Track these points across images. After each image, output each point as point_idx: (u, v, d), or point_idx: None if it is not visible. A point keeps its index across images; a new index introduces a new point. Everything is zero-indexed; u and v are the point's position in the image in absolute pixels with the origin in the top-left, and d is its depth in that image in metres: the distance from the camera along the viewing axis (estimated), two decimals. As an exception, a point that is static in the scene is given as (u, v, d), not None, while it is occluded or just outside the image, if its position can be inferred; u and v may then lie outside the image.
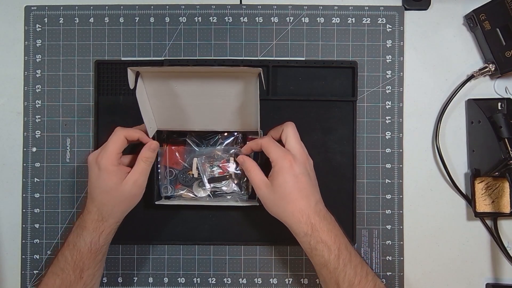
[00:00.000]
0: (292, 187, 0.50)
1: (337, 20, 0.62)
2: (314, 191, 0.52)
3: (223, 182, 0.58)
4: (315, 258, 0.50)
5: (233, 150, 0.58)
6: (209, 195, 0.58)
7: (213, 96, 0.53)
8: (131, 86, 0.50)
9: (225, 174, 0.58)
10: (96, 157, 0.51)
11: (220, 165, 0.58)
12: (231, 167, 0.58)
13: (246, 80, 0.51)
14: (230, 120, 0.56)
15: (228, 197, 0.58)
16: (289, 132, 0.53)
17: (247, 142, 0.56)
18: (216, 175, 0.57)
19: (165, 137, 0.59)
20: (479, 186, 0.60)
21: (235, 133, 0.58)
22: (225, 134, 0.59)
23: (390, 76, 0.61)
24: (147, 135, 0.54)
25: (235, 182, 0.58)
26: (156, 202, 0.57)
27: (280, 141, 0.54)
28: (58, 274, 0.51)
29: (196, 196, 0.58)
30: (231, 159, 0.57)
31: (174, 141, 0.59)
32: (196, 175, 0.58)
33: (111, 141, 0.52)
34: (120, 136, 0.52)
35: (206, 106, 0.54)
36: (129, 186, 0.51)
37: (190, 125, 0.57)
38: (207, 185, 0.57)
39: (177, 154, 0.59)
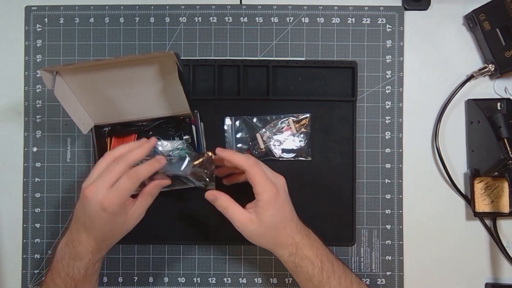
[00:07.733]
0: (278, 218, 0.50)
1: (337, 20, 0.62)
2: (292, 212, 0.52)
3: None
4: (300, 274, 0.50)
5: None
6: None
7: (136, 84, 0.53)
8: (49, 87, 0.49)
9: None
10: (97, 195, 0.45)
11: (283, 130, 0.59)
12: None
13: (163, 64, 0.51)
14: (162, 106, 0.56)
15: None
16: (256, 172, 0.49)
17: (225, 153, 0.51)
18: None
19: (107, 130, 0.58)
20: (479, 186, 0.60)
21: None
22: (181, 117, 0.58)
23: (390, 76, 0.61)
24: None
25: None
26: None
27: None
28: None
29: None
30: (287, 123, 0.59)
31: (120, 133, 0.58)
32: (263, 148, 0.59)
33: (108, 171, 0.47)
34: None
35: (135, 94, 0.54)
36: (133, 222, 0.50)
37: (127, 115, 0.56)
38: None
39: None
